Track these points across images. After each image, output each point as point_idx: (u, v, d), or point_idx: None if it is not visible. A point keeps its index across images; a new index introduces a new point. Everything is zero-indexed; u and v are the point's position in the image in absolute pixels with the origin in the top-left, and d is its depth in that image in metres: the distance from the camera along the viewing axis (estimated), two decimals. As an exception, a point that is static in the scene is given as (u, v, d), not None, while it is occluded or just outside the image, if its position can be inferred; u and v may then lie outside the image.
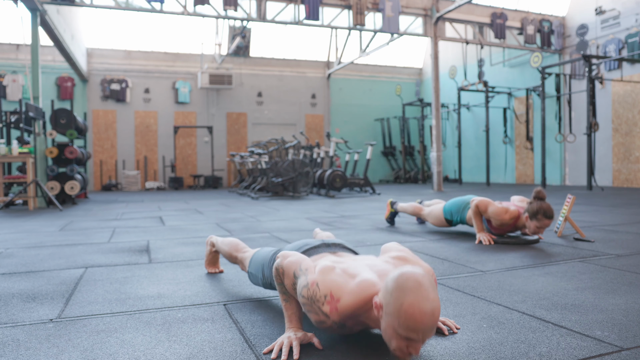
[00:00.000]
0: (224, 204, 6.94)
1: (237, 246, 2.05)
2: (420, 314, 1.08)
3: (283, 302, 1.40)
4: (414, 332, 1.09)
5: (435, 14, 9.87)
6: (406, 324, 1.08)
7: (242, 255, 1.98)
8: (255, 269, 1.79)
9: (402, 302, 1.09)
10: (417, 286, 1.10)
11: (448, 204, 3.53)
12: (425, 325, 1.08)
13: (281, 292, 1.40)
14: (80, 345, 1.37)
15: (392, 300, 1.11)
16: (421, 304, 1.08)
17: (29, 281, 2.17)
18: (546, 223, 2.87)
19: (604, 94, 10.32)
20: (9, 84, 11.70)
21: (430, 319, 1.08)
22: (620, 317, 1.53)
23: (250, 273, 1.83)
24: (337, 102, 15.26)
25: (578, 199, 6.71)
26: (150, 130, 13.33)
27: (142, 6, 8.39)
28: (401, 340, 1.12)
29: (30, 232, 3.96)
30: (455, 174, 14.42)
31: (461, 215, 3.41)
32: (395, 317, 1.10)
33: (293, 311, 1.38)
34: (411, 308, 1.08)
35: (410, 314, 1.08)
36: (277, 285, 1.41)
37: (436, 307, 1.10)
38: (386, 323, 1.14)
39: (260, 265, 1.76)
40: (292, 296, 1.38)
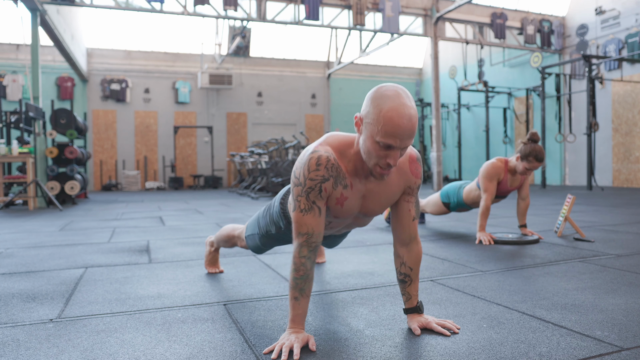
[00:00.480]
0: (224, 204, 6.94)
1: (233, 227, 2.11)
2: (398, 117, 1.17)
3: (292, 301, 1.35)
4: (392, 137, 1.18)
5: (435, 14, 9.87)
6: (385, 128, 1.17)
7: (238, 232, 2.03)
8: (251, 229, 1.85)
9: (382, 108, 1.18)
10: (396, 94, 1.19)
11: (444, 188, 3.62)
12: (404, 129, 1.17)
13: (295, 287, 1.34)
14: (80, 345, 1.37)
15: (372, 108, 1.20)
16: (399, 109, 1.17)
17: (29, 281, 2.17)
18: (536, 165, 2.98)
19: (604, 94, 10.32)
20: (9, 84, 11.70)
21: (408, 122, 1.17)
22: (620, 317, 1.53)
23: (247, 237, 1.88)
24: (337, 102, 15.26)
25: (578, 199, 6.71)
26: (150, 130, 13.33)
27: (142, 6, 8.39)
28: (380, 150, 1.21)
29: (30, 232, 3.96)
30: (455, 174, 14.42)
31: (458, 195, 3.45)
32: (375, 124, 1.19)
33: (299, 312, 1.35)
34: (390, 112, 1.17)
35: (389, 117, 1.17)
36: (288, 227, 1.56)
37: (413, 115, 1.19)
38: (366, 134, 1.23)
39: (254, 221, 1.83)
40: (305, 294, 1.35)
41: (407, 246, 1.50)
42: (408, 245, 1.49)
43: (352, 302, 1.78)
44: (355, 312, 1.64)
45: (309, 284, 1.35)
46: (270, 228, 1.76)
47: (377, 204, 1.43)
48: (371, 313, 1.63)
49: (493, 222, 4.17)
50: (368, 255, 2.72)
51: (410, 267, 1.50)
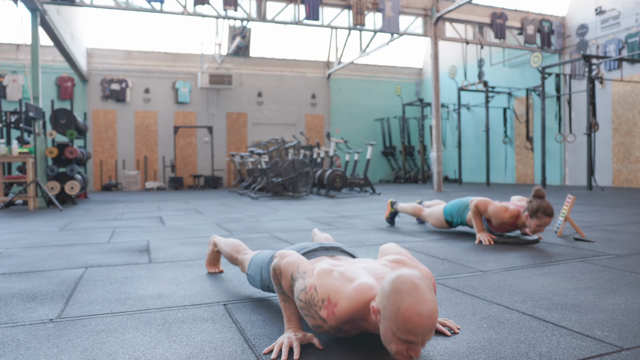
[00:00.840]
0: (224, 204, 6.94)
1: (238, 247, 2.05)
2: (418, 317, 1.07)
3: (281, 303, 1.39)
4: (412, 335, 1.08)
5: (435, 14, 9.88)
6: (404, 327, 1.08)
7: (243, 257, 1.98)
8: (254, 271, 1.78)
9: (400, 306, 1.08)
10: (414, 288, 1.09)
11: (448, 206, 3.53)
12: (424, 328, 1.08)
13: (279, 292, 1.39)
14: (80, 345, 1.37)
15: (389, 304, 1.10)
16: (418, 307, 1.07)
17: (29, 281, 2.17)
18: (546, 221, 2.89)
19: (604, 94, 10.32)
20: (9, 84, 11.70)
21: (428, 321, 1.08)
22: (620, 317, 1.53)
23: (249, 275, 1.83)
24: (337, 102, 15.26)
25: (578, 199, 6.71)
26: (150, 130, 13.33)
27: (142, 6, 8.39)
28: (401, 344, 1.11)
29: (30, 232, 3.96)
30: (455, 174, 14.42)
31: (461, 216, 3.41)
32: (394, 321, 1.09)
33: (292, 311, 1.38)
34: (408, 311, 1.07)
35: (408, 317, 1.07)
36: (274, 285, 1.41)
37: (434, 309, 1.09)
38: (385, 327, 1.13)
39: (258, 267, 1.75)
40: (290, 297, 1.38)
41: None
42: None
43: (352, 302, 1.77)
44: (355, 312, 1.64)
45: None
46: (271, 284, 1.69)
47: None
48: (371, 313, 1.63)
49: (493, 222, 4.17)
50: (368, 255, 2.72)
51: None
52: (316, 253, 1.57)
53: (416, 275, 1.12)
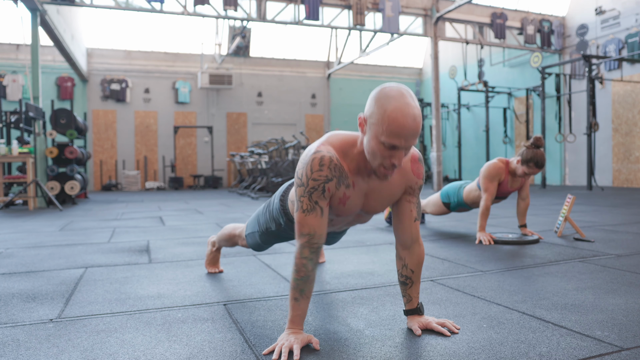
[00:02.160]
0: (224, 204, 6.94)
1: (234, 227, 2.11)
2: (403, 117, 1.16)
3: (292, 301, 1.35)
4: (397, 137, 1.18)
5: (435, 14, 9.87)
6: (390, 128, 1.17)
7: (239, 231, 2.04)
8: (251, 227, 1.85)
9: (386, 108, 1.18)
10: (400, 94, 1.19)
11: (444, 188, 3.61)
12: (408, 130, 1.17)
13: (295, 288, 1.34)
14: (80, 345, 1.37)
15: (376, 108, 1.20)
16: (404, 109, 1.17)
17: (29, 281, 2.17)
18: (535, 171, 2.98)
19: (604, 94, 10.32)
20: (9, 84, 11.70)
21: (412, 122, 1.17)
22: (620, 317, 1.53)
23: (247, 235, 1.88)
24: (337, 102, 15.26)
25: (578, 199, 6.71)
26: (150, 130, 13.33)
27: (142, 6, 8.39)
28: (385, 150, 1.21)
29: (30, 232, 3.96)
30: (455, 174, 14.42)
31: (458, 195, 3.44)
32: (380, 124, 1.19)
33: (298, 312, 1.35)
34: (394, 112, 1.17)
35: (394, 118, 1.17)
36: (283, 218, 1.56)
37: (418, 114, 1.19)
38: (370, 135, 1.22)
39: (254, 219, 1.83)
40: (306, 296, 1.34)
41: (409, 248, 1.49)
42: (410, 247, 1.49)
43: (352, 302, 1.78)
44: (355, 312, 1.64)
45: (309, 285, 1.34)
46: (270, 225, 1.76)
47: (379, 202, 1.44)
48: (371, 313, 1.63)
49: (493, 222, 4.17)
50: (368, 255, 2.72)
51: (412, 270, 1.49)
52: None
53: (402, 86, 1.22)
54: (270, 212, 1.75)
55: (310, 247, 1.33)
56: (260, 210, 1.82)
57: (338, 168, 1.31)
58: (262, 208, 1.81)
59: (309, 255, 1.33)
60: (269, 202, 1.79)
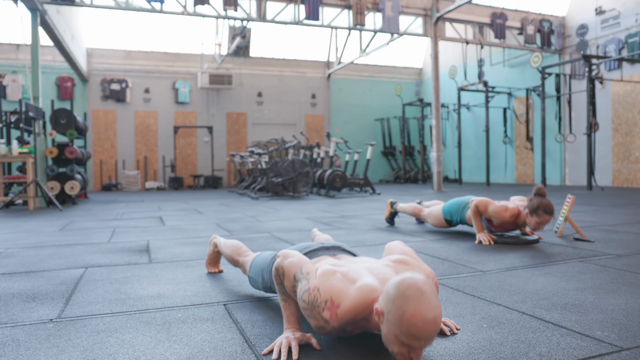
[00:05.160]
0: (224, 204, 6.94)
1: (239, 250, 2.04)
2: (422, 323, 1.07)
3: (282, 303, 1.39)
4: (416, 340, 1.08)
5: (435, 14, 9.87)
6: (408, 332, 1.08)
7: (244, 259, 1.97)
8: (255, 273, 1.78)
9: (405, 311, 1.08)
10: (419, 294, 1.09)
11: (447, 205, 3.53)
12: (428, 334, 1.08)
13: (280, 292, 1.40)
14: (80, 345, 1.37)
15: (393, 308, 1.10)
16: (423, 313, 1.07)
17: (29, 281, 2.17)
18: (546, 219, 2.90)
19: (604, 94, 10.32)
20: (9, 84, 11.70)
21: (432, 326, 1.08)
22: (620, 317, 1.53)
23: (251, 277, 1.83)
24: (337, 102, 15.25)
25: (578, 199, 6.71)
26: (150, 130, 13.33)
27: (142, 6, 8.39)
28: (403, 347, 1.11)
29: (30, 232, 3.96)
30: (455, 174, 14.42)
31: (461, 215, 3.41)
32: (397, 326, 1.09)
33: (292, 312, 1.38)
34: (413, 317, 1.07)
35: (412, 323, 1.07)
36: (276, 285, 1.41)
37: (438, 315, 1.09)
38: (387, 330, 1.13)
39: (260, 269, 1.75)
40: (291, 297, 1.38)
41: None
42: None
43: (352, 302, 1.77)
44: (355, 312, 1.64)
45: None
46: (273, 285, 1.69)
47: None
48: (371, 313, 1.63)
49: (493, 222, 4.17)
50: (368, 255, 2.72)
51: None
52: (318, 252, 1.57)
53: (421, 280, 1.11)
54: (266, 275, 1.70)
55: None
56: (266, 265, 1.72)
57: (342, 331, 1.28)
58: (268, 263, 1.71)
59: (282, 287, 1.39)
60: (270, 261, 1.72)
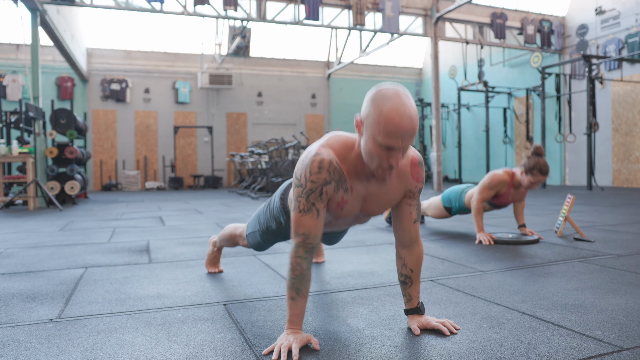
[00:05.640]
0: (224, 204, 6.94)
1: (234, 227, 2.11)
2: (399, 117, 1.17)
3: (289, 300, 1.36)
4: (394, 138, 1.18)
5: (435, 14, 9.87)
6: (386, 129, 1.17)
7: (240, 231, 2.03)
8: (252, 226, 1.85)
9: (382, 109, 1.18)
10: (395, 94, 1.19)
11: (445, 192, 3.58)
12: (405, 130, 1.18)
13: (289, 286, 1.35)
14: (80, 345, 1.37)
15: (372, 109, 1.20)
16: (400, 109, 1.17)
17: (29, 281, 2.17)
18: (540, 179, 2.96)
19: (604, 94, 10.32)
20: (9, 84, 11.70)
21: (409, 122, 1.17)
22: (620, 317, 1.53)
23: (248, 235, 1.89)
24: (337, 102, 15.26)
25: (578, 199, 6.71)
26: (150, 130, 13.33)
27: (142, 6, 8.39)
28: (382, 151, 1.21)
29: (30, 232, 3.96)
30: (455, 174, 14.42)
31: (459, 200, 3.43)
32: (376, 125, 1.19)
33: (296, 312, 1.36)
34: (390, 113, 1.17)
35: (390, 118, 1.17)
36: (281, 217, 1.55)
37: (414, 114, 1.19)
38: (367, 136, 1.23)
39: (255, 218, 1.84)
40: (301, 295, 1.35)
41: (409, 248, 1.50)
42: (409, 247, 1.50)
43: (352, 302, 1.78)
44: (355, 312, 1.64)
45: (305, 284, 1.35)
46: (270, 224, 1.76)
47: (377, 205, 1.44)
48: (371, 313, 1.63)
49: (493, 222, 4.17)
50: (368, 255, 2.72)
51: (412, 269, 1.50)
52: None
53: (399, 86, 1.23)
54: (271, 211, 1.76)
55: (305, 247, 1.34)
56: (261, 210, 1.83)
57: (337, 171, 1.32)
58: (263, 207, 1.82)
59: (303, 255, 1.35)
60: (269, 200, 1.80)
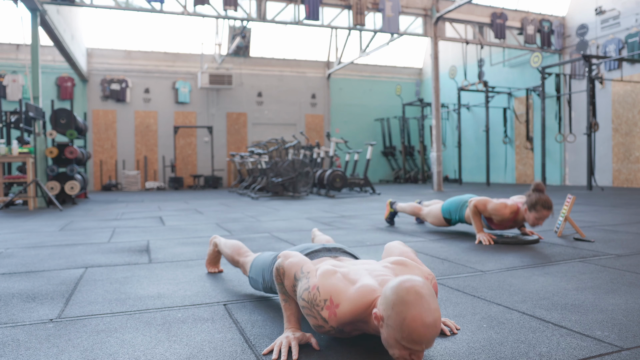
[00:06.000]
0: (224, 204, 6.94)
1: (239, 250, 2.04)
2: (423, 328, 1.06)
3: (282, 302, 1.40)
4: (417, 345, 1.08)
5: (435, 14, 9.87)
6: (409, 337, 1.07)
7: (244, 259, 1.97)
8: (256, 273, 1.78)
9: (405, 317, 1.07)
10: (418, 299, 1.08)
11: (446, 203, 3.54)
12: (429, 337, 1.08)
13: (281, 292, 1.40)
14: (80, 345, 1.37)
15: (393, 313, 1.10)
16: (424, 317, 1.07)
17: (29, 281, 2.17)
18: (545, 214, 2.90)
19: (604, 94, 10.32)
20: (9, 84, 11.70)
21: (433, 330, 1.08)
22: (620, 317, 1.53)
23: (251, 277, 1.83)
24: (337, 102, 15.25)
25: (578, 199, 6.70)
26: (150, 130, 13.33)
27: (142, 6, 8.39)
28: (404, 350, 1.11)
29: (30, 232, 3.96)
30: (455, 174, 14.42)
31: (460, 213, 3.41)
32: (398, 331, 1.09)
33: (292, 312, 1.38)
34: (414, 322, 1.06)
35: (413, 328, 1.06)
36: (276, 285, 1.41)
37: (437, 318, 1.09)
38: (387, 334, 1.13)
39: (260, 269, 1.76)
40: (292, 297, 1.38)
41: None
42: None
43: (352, 302, 1.77)
44: (355, 312, 1.64)
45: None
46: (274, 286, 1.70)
47: None
48: (371, 313, 1.63)
49: (493, 222, 4.17)
50: (368, 255, 2.72)
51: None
52: (319, 254, 1.57)
53: (420, 284, 1.11)
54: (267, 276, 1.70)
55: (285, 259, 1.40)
56: (267, 265, 1.73)
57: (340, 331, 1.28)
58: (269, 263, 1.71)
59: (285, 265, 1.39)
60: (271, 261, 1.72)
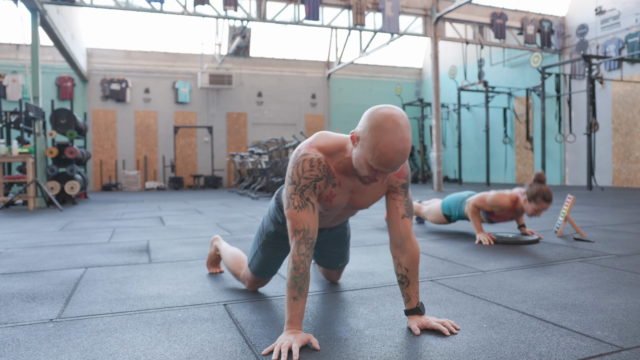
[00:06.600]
0: (224, 204, 6.94)
1: (240, 263, 1.99)
2: (393, 153, 1.19)
3: (291, 300, 1.36)
4: (384, 167, 1.22)
5: (435, 14, 9.87)
6: (379, 160, 1.20)
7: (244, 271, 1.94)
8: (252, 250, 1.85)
9: (379, 140, 1.19)
10: (395, 127, 1.19)
11: (446, 200, 3.55)
12: (396, 162, 1.21)
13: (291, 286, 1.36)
14: (80, 345, 1.37)
15: (369, 136, 1.21)
16: (395, 144, 1.19)
17: (29, 281, 2.17)
18: (544, 206, 2.91)
19: (604, 94, 10.32)
20: (9, 84, 11.70)
21: (401, 157, 1.21)
22: (620, 317, 1.53)
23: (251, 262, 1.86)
24: (337, 102, 15.26)
25: (578, 199, 6.71)
26: (150, 130, 13.33)
27: (142, 6, 8.39)
28: (371, 170, 1.25)
29: (30, 232, 3.96)
30: (455, 174, 14.42)
31: (459, 209, 3.42)
32: (370, 152, 1.21)
33: (296, 312, 1.35)
34: (385, 147, 1.19)
35: (384, 152, 1.19)
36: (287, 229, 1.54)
37: (407, 147, 1.21)
38: (359, 154, 1.26)
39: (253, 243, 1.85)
40: (303, 295, 1.36)
41: (401, 247, 1.49)
42: (401, 245, 1.49)
43: (352, 302, 1.78)
44: (355, 312, 1.64)
45: (307, 282, 1.37)
46: (270, 229, 1.75)
47: (364, 199, 1.50)
48: (371, 313, 1.63)
49: (493, 222, 4.17)
50: (368, 255, 2.72)
51: (407, 268, 1.49)
52: None
53: (398, 114, 1.22)
54: (269, 215, 1.77)
55: (306, 243, 1.38)
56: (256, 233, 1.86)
57: (326, 169, 1.38)
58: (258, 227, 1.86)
59: (305, 252, 1.37)
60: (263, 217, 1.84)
